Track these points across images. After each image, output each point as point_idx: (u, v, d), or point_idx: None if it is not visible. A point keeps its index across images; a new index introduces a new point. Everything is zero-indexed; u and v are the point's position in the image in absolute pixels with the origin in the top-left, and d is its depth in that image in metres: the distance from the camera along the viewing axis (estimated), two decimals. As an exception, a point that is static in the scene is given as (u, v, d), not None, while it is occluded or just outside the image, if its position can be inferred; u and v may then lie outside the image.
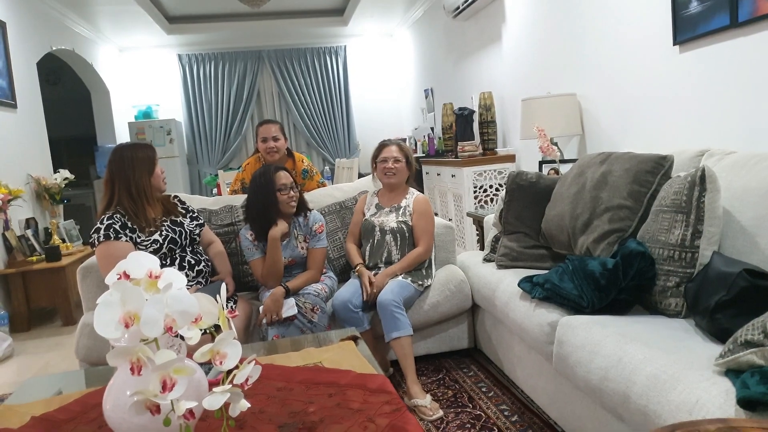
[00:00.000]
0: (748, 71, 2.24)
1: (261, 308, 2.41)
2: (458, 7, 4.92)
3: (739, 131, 2.32)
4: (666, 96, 2.70)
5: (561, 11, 3.58)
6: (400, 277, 2.57)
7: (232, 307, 2.36)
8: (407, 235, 2.67)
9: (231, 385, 1.10)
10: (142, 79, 7.53)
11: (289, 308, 2.39)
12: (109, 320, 1.00)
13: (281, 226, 2.51)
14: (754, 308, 1.42)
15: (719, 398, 1.22)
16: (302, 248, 2.62)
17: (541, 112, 3.37)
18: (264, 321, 2.38)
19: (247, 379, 1.14)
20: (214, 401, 1.08)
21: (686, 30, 2.48)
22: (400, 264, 2.61)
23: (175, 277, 1.06)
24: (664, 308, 1.78)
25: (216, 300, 1.17)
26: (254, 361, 1.15)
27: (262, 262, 2.53)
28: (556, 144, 3.33)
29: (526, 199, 2.57)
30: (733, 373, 1.26)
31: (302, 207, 2.66)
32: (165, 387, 1.01)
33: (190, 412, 1.04)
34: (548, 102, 3.39)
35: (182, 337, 1.10)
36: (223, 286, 1.22)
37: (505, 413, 2.23)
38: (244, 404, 1.13)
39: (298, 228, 2.63)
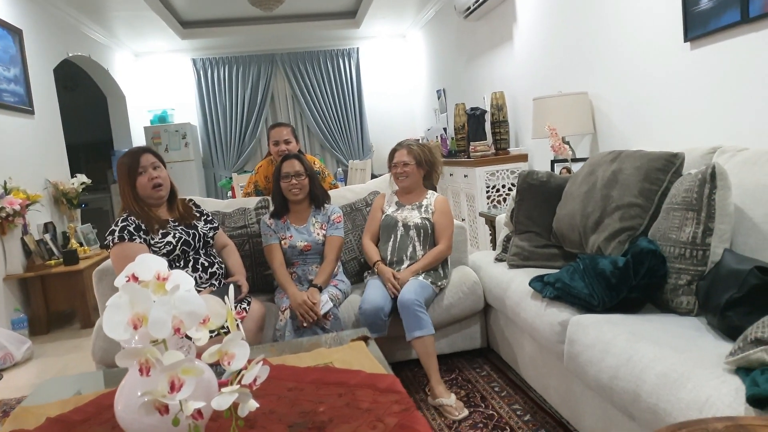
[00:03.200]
0: (759, 67, 2.21)
1: (283, 311, 2.44)
2: (469, 8, 4.91)
3: (751, 128, 2.29)
4: (677, 93, 2.68)
5: (571, 11, 3.56)
6: (420, 278, 2.58)
7: (245, 308, 2.38)
8: (430, 232, 2.69)
9: (239, 386, 1.12)
10: (158, 83, 7.63)
11: (325, 304, 2.45)
12: (118, 322, 1.02)
13: (298, 297, 2.47)
14: (766, 306, 1.41)
15: (729, 396, 1.21)
16: (318, 234, 2.67)
17: (552, 111, 3.36)
18: (305, 325, 2.39)
19: (255, 380, 1.16)
20: (222, 401, 1.09)
21: (697, 26, 2.46)
22: (422, 261, 2.62)
23: (182, 279, 1.08)
24: (676, 306, 1.77)
25: (225, 301, 1.18)
26: (262, 362, 1.17)
27: (274, 249, 2.64)
28: (568, 143, 3.32)
29: (537, 198, 2.57)
30: (743, 371, 1.25)
31: (316, 200, 2.73)
32: (173, 387, 1.02)
33: (199, 412, 1.05)
34: (560, 101, 3.38)
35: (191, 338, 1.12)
36: (231, 287, 1.23)
37: (518, 413, 2.22)
38: (253, 404, 1.15)
39: (316, 215, 2.71)
